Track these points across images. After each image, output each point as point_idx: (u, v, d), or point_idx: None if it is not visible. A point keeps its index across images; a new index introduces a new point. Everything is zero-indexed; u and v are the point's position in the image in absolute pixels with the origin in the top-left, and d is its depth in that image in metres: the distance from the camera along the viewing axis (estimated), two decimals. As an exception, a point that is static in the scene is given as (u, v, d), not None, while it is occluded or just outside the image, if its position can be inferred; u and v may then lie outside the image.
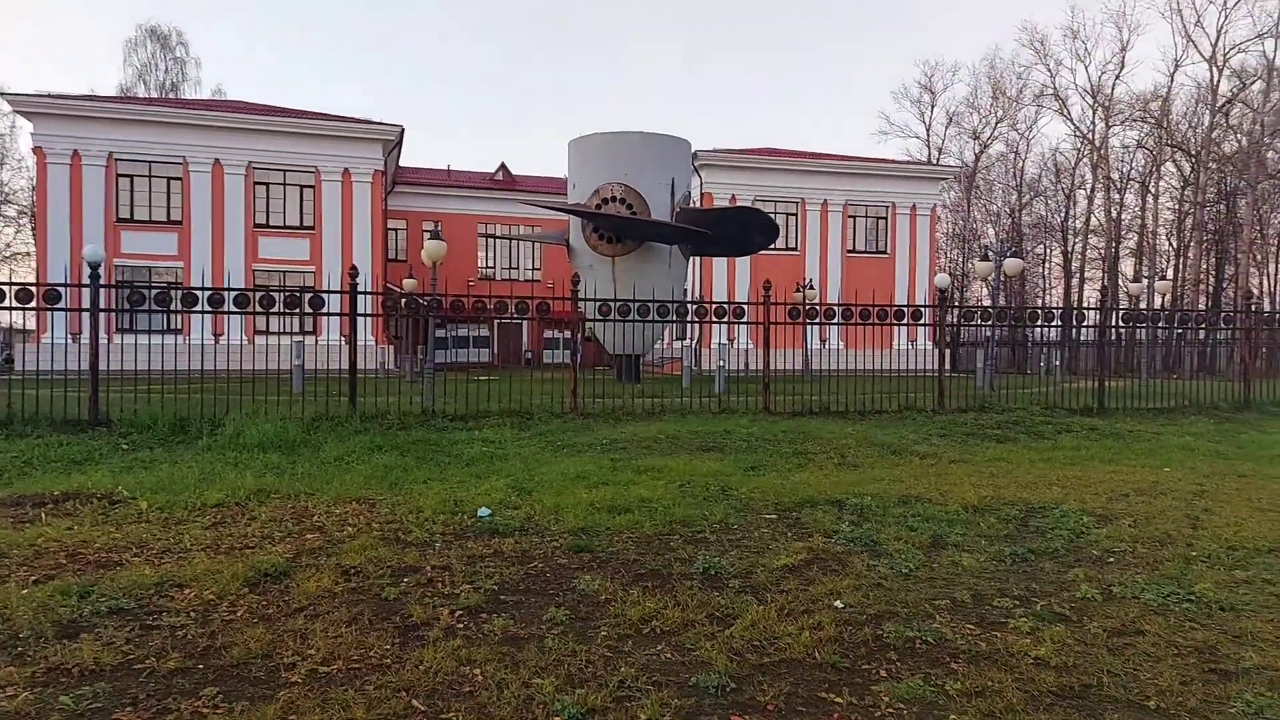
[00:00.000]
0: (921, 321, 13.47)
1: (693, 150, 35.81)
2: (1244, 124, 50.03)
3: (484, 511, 6.13)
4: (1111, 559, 5.28)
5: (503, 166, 44.12)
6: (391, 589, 4.32)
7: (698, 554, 5.06)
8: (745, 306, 12.93)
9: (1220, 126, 50.57)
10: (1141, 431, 12.35)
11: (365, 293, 11.50)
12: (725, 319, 12.70)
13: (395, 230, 41.12)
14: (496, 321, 40.62)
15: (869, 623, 3.99)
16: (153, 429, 9.93)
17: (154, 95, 47.96)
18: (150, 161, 29.88)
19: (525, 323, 42.46)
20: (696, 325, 33.43)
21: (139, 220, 29.81)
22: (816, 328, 23.25)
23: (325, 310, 12.86)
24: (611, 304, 12.30)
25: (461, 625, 3.83)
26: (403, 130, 31.11)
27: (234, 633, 3.67)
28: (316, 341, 24.23)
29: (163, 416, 10.14)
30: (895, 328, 14.82)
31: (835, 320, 12.99)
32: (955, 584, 4.68)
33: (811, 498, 6.93)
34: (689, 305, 12.65)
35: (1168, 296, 39.12)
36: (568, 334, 43.25)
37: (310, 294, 11.17)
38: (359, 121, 31.12)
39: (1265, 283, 54.24)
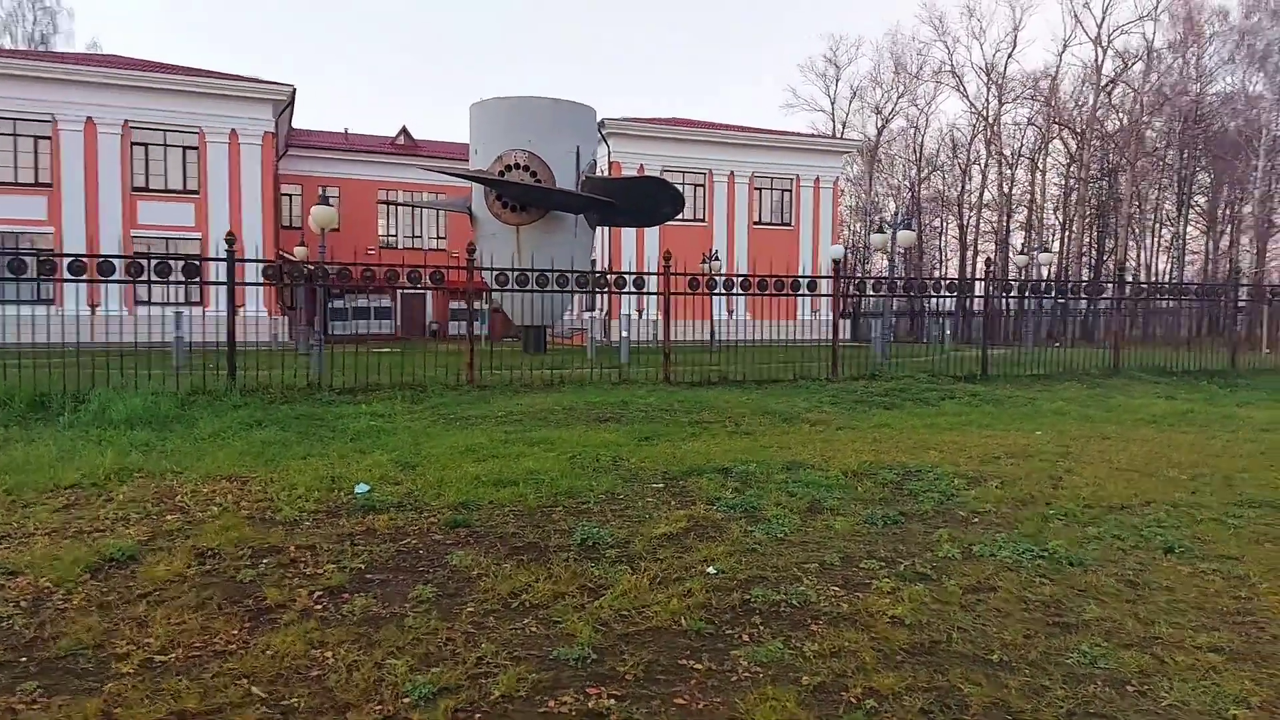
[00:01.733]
0: (818, 292, 13.69)
1: (600, 118, 35.50)
2: (1125, 103, 52.73)
3: (362, 487, 5.94)
4: (976, 519, 5.50)
5: (404, 130, 42.75)
6: (248, 571, 4.13)
7: (578, 525, 5.02)
8: (645, 277, 12.90)
9: (1104, 105, 53.17)
10: (1019, 397, 12.95)
11: (245, 260, 10.94)
12: (625, 289, 12.64)
13: (289, 196, 39.42)
14: (399, 292, 39.62)
15: (738, 588, 4.04)
16: (8, 405, 9.25)
17: (20, 48, 44.39)
18: (15, 119, 27.66)
19: (429, 294, 41.55)
20: (605, 296, 33.46)
21: (3, 183, 27.64)
22: (723, 299, 23.54)
23: (202, 279, 12.24)
24: (509, 274, 12.08)
25: (319, 607, 3.69)
26: (294, 90, 29.68)
27: (65, 622, 3.43)
28: (204, 313, 23.04)
29: (20, 392, 9.45)
30: (798, 299, 15.05)
31: (734, 291, 13.11)
32: (827, 547, 4.78)
33: (700, 466, 6.98)
34: (589, 275, 12.52)
35: (1051, 268, 41.14)
36: (476, 305, 42.53)
37: (184, 261, 10.54)
38: (247, 80, 29.50)
39: (1143, 256, 57.62)
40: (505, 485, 6.09)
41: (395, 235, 41.95)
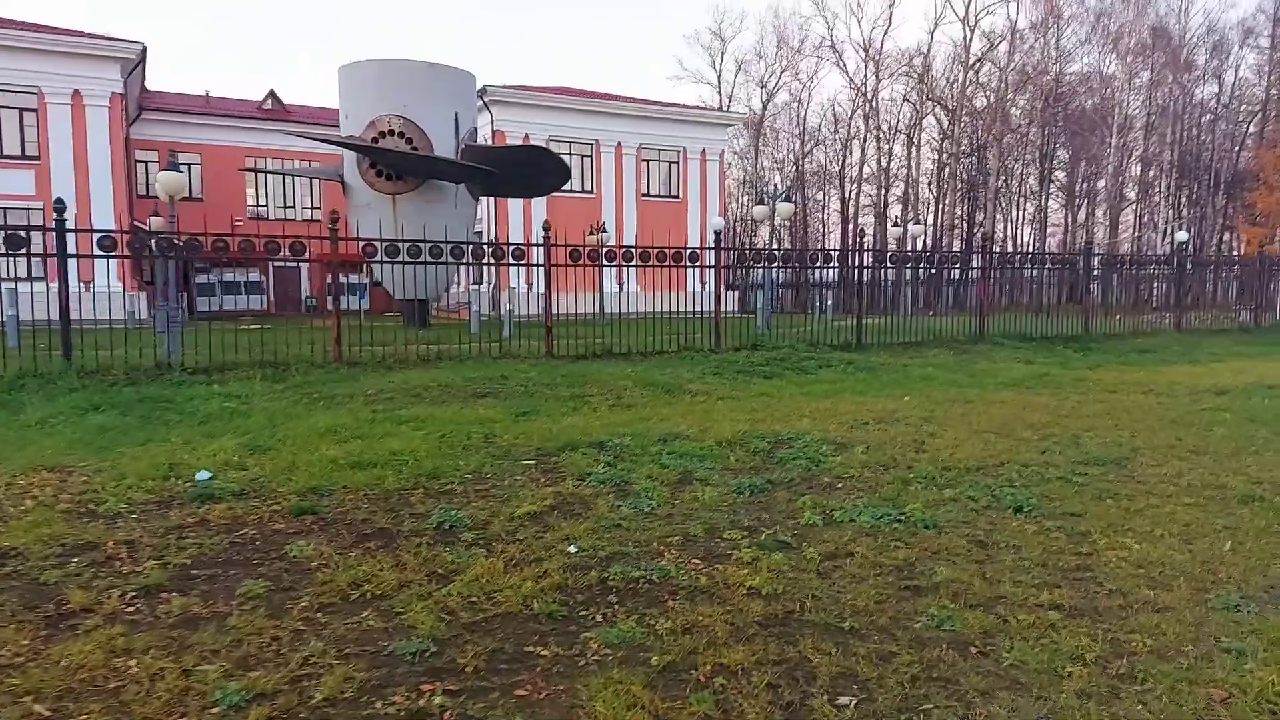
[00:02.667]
0: (700, 264, 13.70)
1: (481, 85, 34.48)
2: (992, 81, 55.24)
3: (203, 475, 5.50)
4: (840, 485, 5.56)
5: (271, 94, 40.39)
6: (54, 571, 3.71)
7: (437, 508, 4.78)
8: (524, 248, 12.58)
9: (972, 83, 55.55)
10: (891, 364, 13.38)
11: (78, 230, 9.98)
12: (504, 261, 12.29)
13: (145, 163, 36.70)
14: (270, 265, 37.66)
15: (598, 565, 3.91)
16: None
17: None
18: None
19: (304, 267, 39.69)
20: (491, 269, 32.72)
21: None
22: (613, 271, 23.27)
23: (44, 251, 11.11)
24: (378, 244, 11.52)
25: (131, 609, 3.34)
26: (144, 48, 27.47)
27: None
28: (48, 289, 21.21)
29: None
30: (687, 271, 14.99)
31: (615, 263, 12.96)
32: (692, 519, 4.72)
33: (576, 441, 6.83)
34: (463, 246, 12.09)
35: (925, 239, 42.86)
36: (355, 278, 40.70)
37: (4, 232, 9.53)
38: (91, 36, 27.07)
39: (1009, 228, 60.82)
40: (364, 468, 5.77)
41: (266, 205, 39.74)
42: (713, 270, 13.91)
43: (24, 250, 9.74)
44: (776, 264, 15.48)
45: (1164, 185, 50.95)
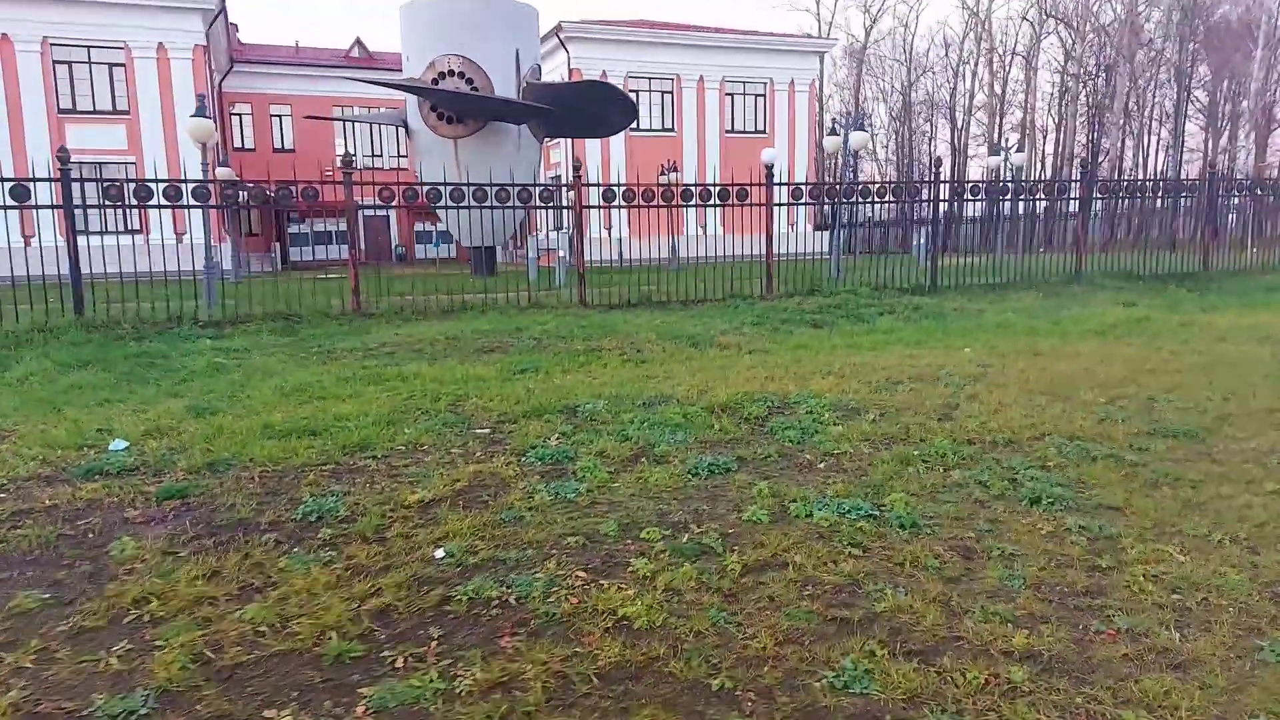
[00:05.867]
0: (748, 201, 12.55)
1: (557, 22, 33.43)
2: (1121, -7, 49.95)
3: (118, 444, 5.05)
4: (822, 464, 4.63)
5: (358, 42, 40.48)
6: None
7: (324, 492, 4.15)
8: (555, 190, 11.77)
9: (1098, -4, 50.41)
10: (965, 309, 12.02)
11: (93, 180, 9.79)
12: (531, 204, 11.53)
13: (239, 115, 37.61)
14: (359, 214, 38.21)
15: (454, 578, 3.18)
16: None
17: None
18: (-77, 38, 25.91)
19: (393, 215, 40.12)
20: (567, 213, 32.07)
21: (-81, 108, 26.06)
22: (692, 212, 22.10)
23: (140, 204, 10.79)
24: (442, 189, 10.92)
25: None
26: (223, -2, 27.73)
27: None
28: (146, 240, 21.80)
29: None
30: (775, 210, 13.71)
31: (653, 203, 11.98)
32: (616, 510, 3.92)
33: (548, 405, 6.09)
34: (488, 189, 11.34)
35: (1038, 169, 39.57)
36: (432, 226, 40.83)
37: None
38: (170, -12, 27.50)
39: (1139, 155, 55.62)
40: (295, 436, 5.21)
41: (355, 154, 40.14)
42: (764, 208, 12.68)
43: (30, 202, 9.59)
44: (838, 199, 14.06)
45: (1320, 101, 45.14)
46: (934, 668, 2.55)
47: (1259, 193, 16.86)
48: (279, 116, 38.39)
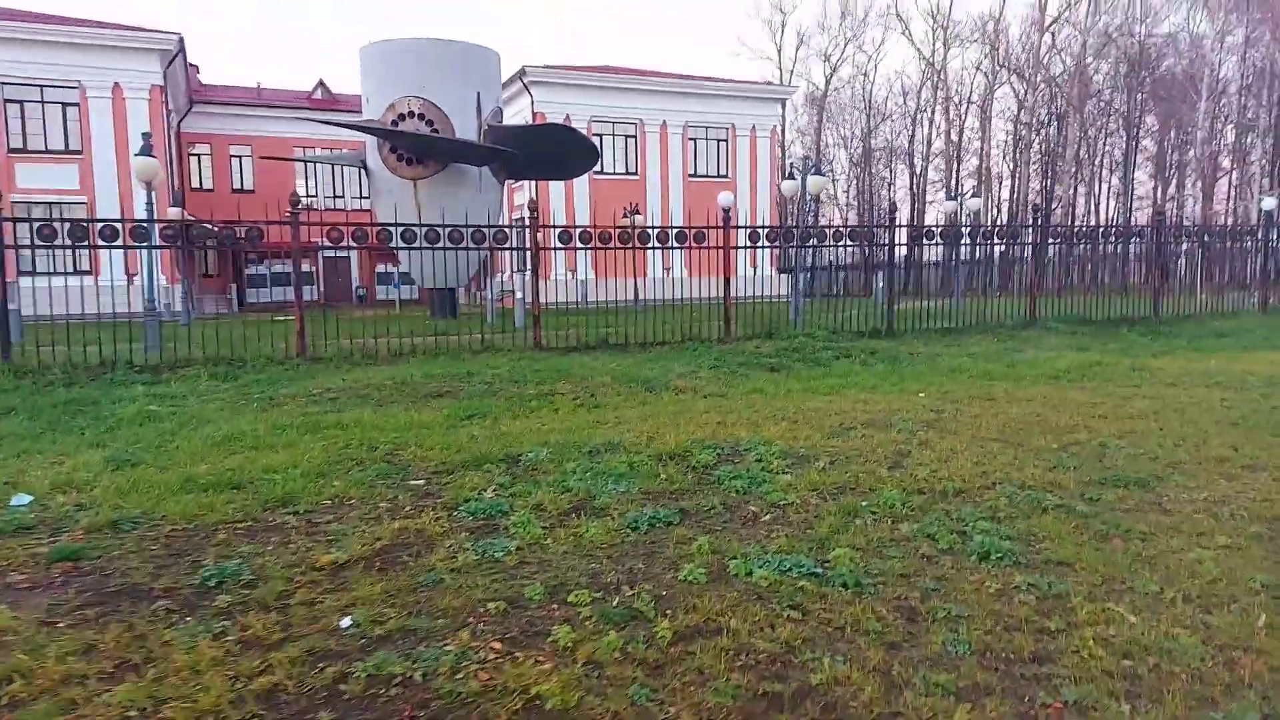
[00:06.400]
0: (705, 244, 12.52)
1: (520, 67, 33.68)
2: (1071, 45, 51.77)
3: (20, 499, 4.72)
4: (767, 517, 4.44)
5: (321, 84, 40.45)
6: None
7: (231, 554, 3.87)
8: (508, 231, 11.64)
9: (1049, 48, 52.19)
10: (921, 354, 12.01)
11: (12, 220, 9.43)
12: (484, 245, 11.37)
13: (199, 156, 37.21)
14: (320, 255, 37.77)
15: (355, 653, 2.92)
16: None
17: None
18: None
19: (354, 256, 39.74)
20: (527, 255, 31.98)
21: None
22: (658, 255, 22.04)
23: (90, 243, 10.34)
24: (340, 229, 10.72)
25: None
26: (181, 39, 27.49)
27: None
28: (94, 282, 21.23)
29: None
30: (737, 252, 13.67)
31: (610, 245, 11.88)
32: (545, 570, 3.69)
33: (490, 454, 5.84)
34: (440, 230, 11.16)
35: (994, 215, 40.38)
36: (400, 268, 40.33)
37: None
38: (128, 29, 27.24)
39: (1090, 203, 57.11)
40: (216, 490, 4.92)
41: (316, 195, 39.84)
42: (723, 251, 12.65)
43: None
44: (795, 242, 14.11)
45: (1261, 153, 46.87)
46: (868, 750, 2.35)
47: (1206, 239, 17.25)
48: (239, 157, 38.06)
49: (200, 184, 37.19)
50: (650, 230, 12.01)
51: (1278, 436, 6.29)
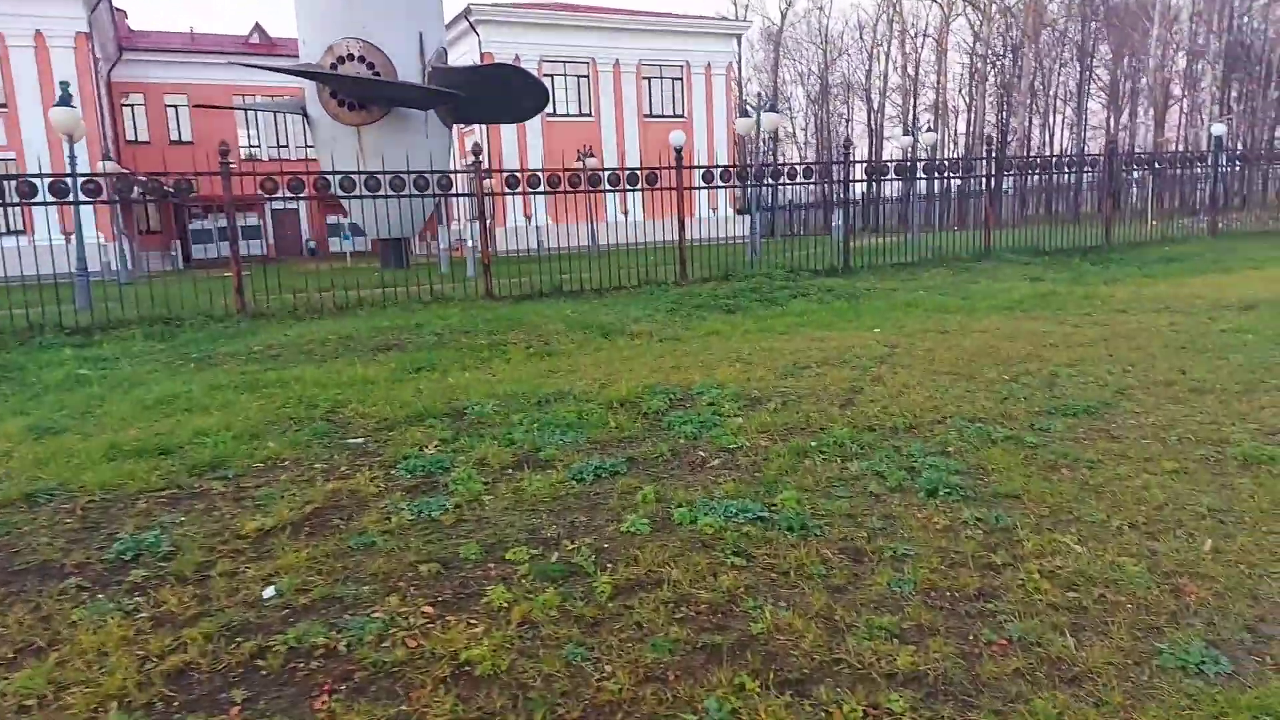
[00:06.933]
0: (658, 186, 12.24)
1: (466, 5, 32.51)
2: (1025, -27, 51.16)
3: (-77, 476, 4.45)
4: (714, 462, 4.34)
5: (257, 27, 38.76)
6: None
7: (155, 522, 3.68)
8: (455, 177, 11.25)
9: (1004, -24, 51.58)
10: (877, 289, 11.96)
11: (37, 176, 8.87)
12: (429, 192, 10.98)
13: (132, 106, 35.64)
14: (268, 208, 36.62)
15: (276, 625, 2.76)
16: None
17: None
18: None
19: (304, 209, 38.62)
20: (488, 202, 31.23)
21: None
22: (615, 198, 21.72)
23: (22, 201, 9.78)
24: (275, 179, 10.26)
25: None
26: (103, -18, 26.06)
27: None
28: (28, 241, 20.28)
29: None
30: (696, 194, 13.40)
31: (560, 189, 11.55)
32: (483, 528, 3.55)
33: (434, 409, 5.66)
34: (381, 178, 10.74)
35: (950, 149, 40.33)
36: (340, 219, 39.25)
37: None
38: (44, -28, 25.71)
39: (1045, 134, 57.24)
40: (142, 457, 4.68)
41: (259, 145, 38.49)
42: (676, 192, 12.39)
43: None
44: (749, 181, 13.88)
45: (1211, 79, 47.16)
46: (809, 700, 2.27)
47: (1157, 166, 17.33)
48: (174, 107, 36.53)
49: (135, 136, 35.71)
50: (602, 173, 11.68)
51: (1224, 359, 6.33)
